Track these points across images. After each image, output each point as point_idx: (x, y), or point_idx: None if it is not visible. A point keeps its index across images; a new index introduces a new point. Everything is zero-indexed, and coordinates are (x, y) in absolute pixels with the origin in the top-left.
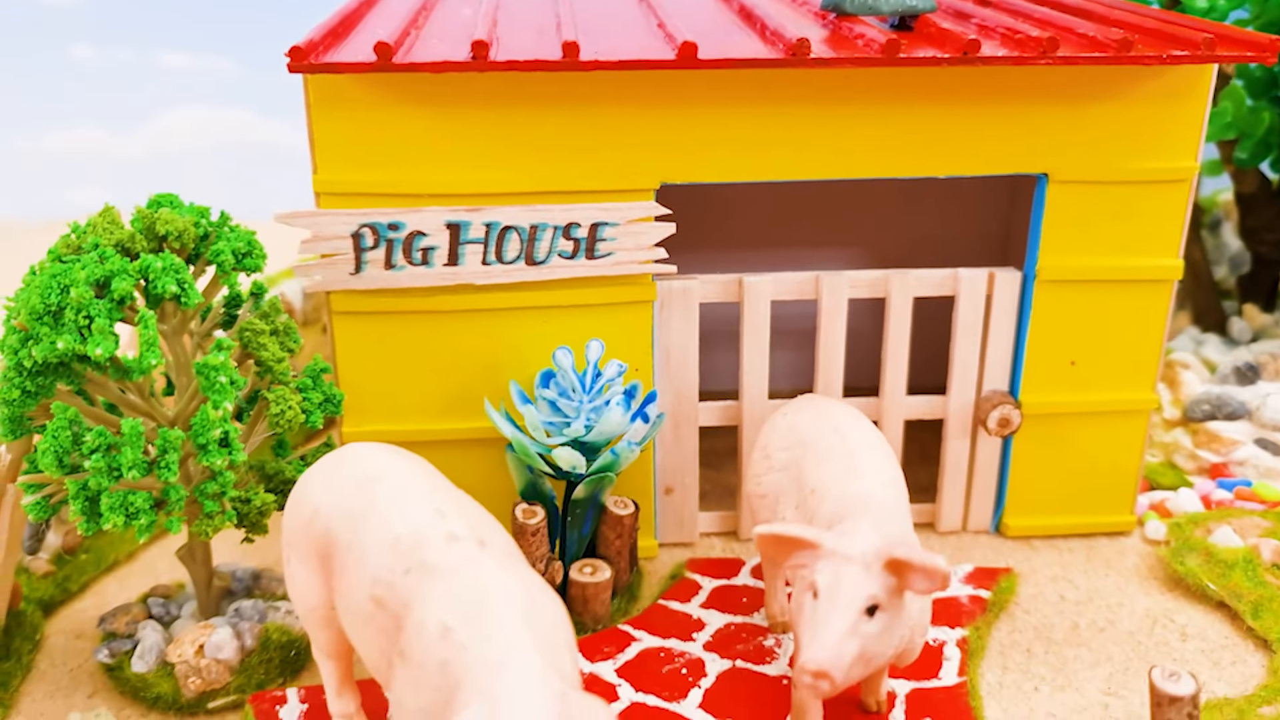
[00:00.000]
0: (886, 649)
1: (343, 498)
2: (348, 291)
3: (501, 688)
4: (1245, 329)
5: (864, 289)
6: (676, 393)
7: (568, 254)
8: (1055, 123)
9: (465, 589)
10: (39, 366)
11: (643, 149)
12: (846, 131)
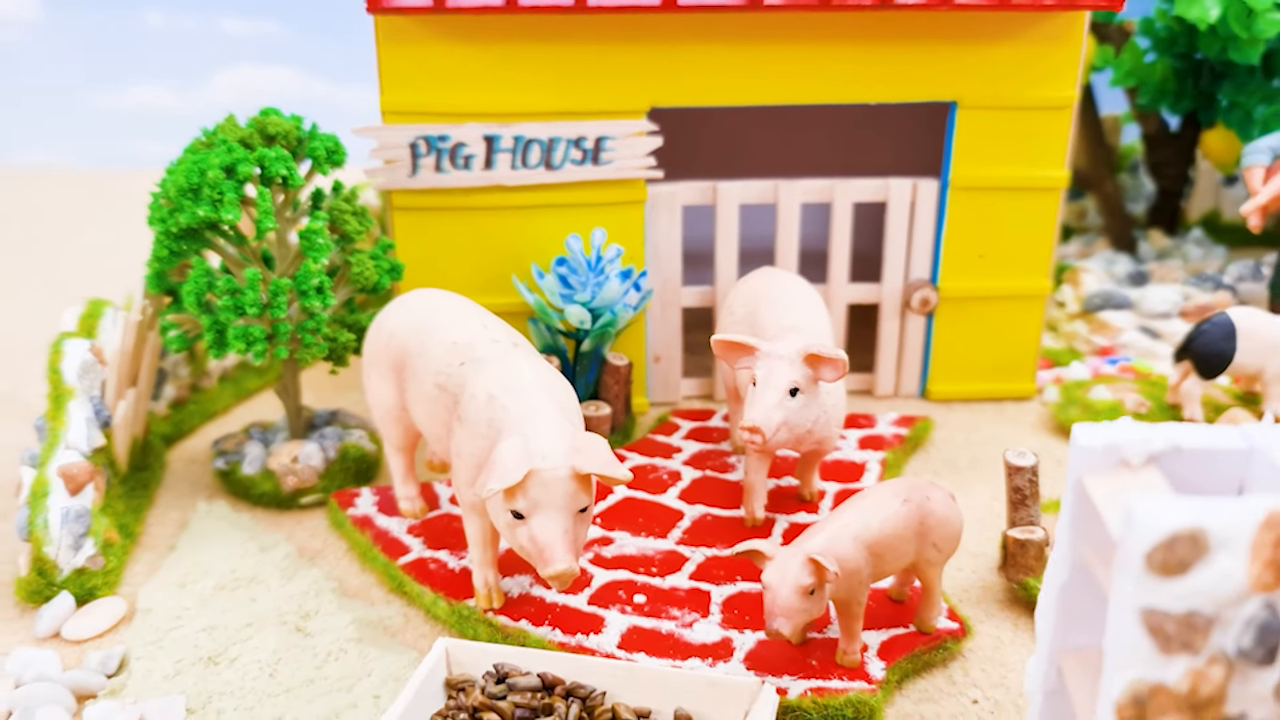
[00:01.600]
0: (804, 421)
1: (413, 320)
2: (405, 190)
3: (530, 428)
4: (1149, 250)
5: (813, 194)
6: (663, 278)
7: (578, 161)
8: (963, 59)
9: (504, 372)
10: (182, 232)
11: (636, 77)
12: (795, 65)
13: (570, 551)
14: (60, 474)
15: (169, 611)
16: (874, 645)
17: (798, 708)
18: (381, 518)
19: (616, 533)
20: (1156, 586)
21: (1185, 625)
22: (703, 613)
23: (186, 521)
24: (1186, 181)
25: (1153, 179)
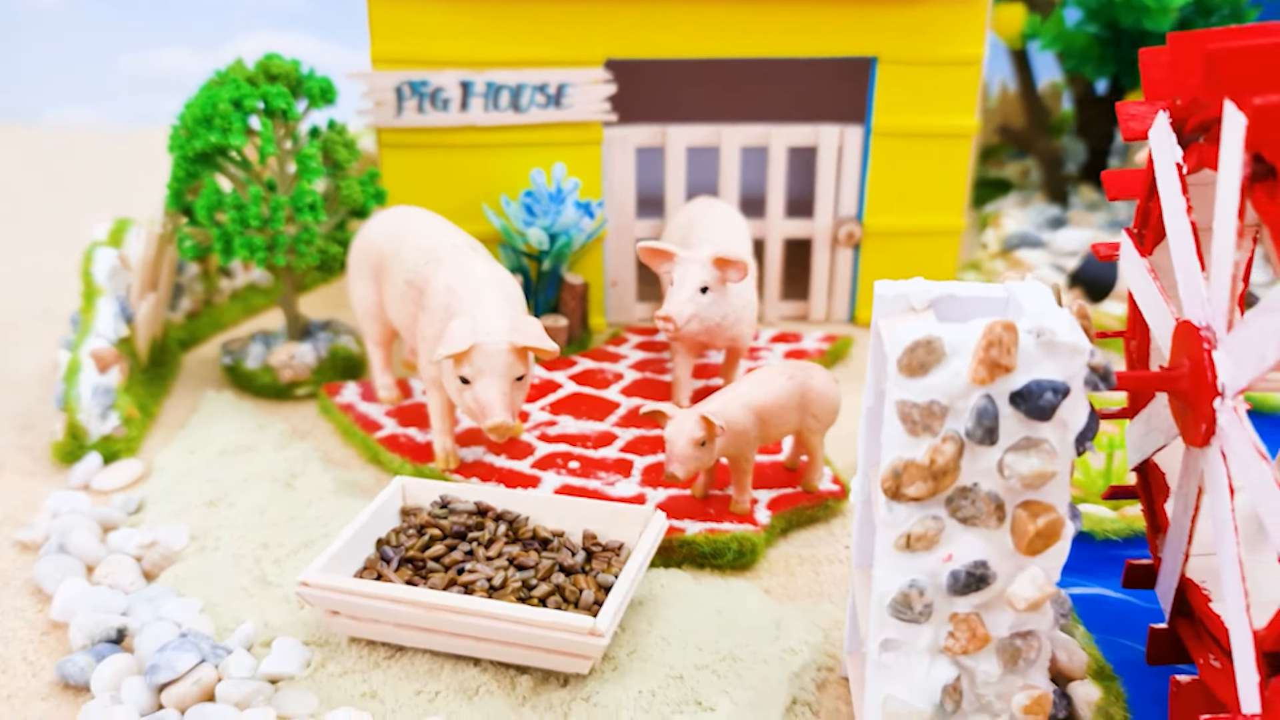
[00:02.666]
0: (714, 315)
1: (389, 230)
2: (392, 129)
3: (477, 310)
4: (1080, 203)
5: (752, 139)
6: (619, 211)
7: (542, 105)
8: (882, 19)
9: (460, 268)
10: (196, 156)
11: (594, 32)
12: (734, 22)
13: (506, 409)
14: (91, 355)
15: (179, 470)
16: (765, 500)
17: (693, 542)
18: (362, 404)
19: (562, 417)
20: (905, 384)
21: (927, 413)
22: (625, 475)
23: (196, 406)
24: (1112, 140)
25: (1083, 139)
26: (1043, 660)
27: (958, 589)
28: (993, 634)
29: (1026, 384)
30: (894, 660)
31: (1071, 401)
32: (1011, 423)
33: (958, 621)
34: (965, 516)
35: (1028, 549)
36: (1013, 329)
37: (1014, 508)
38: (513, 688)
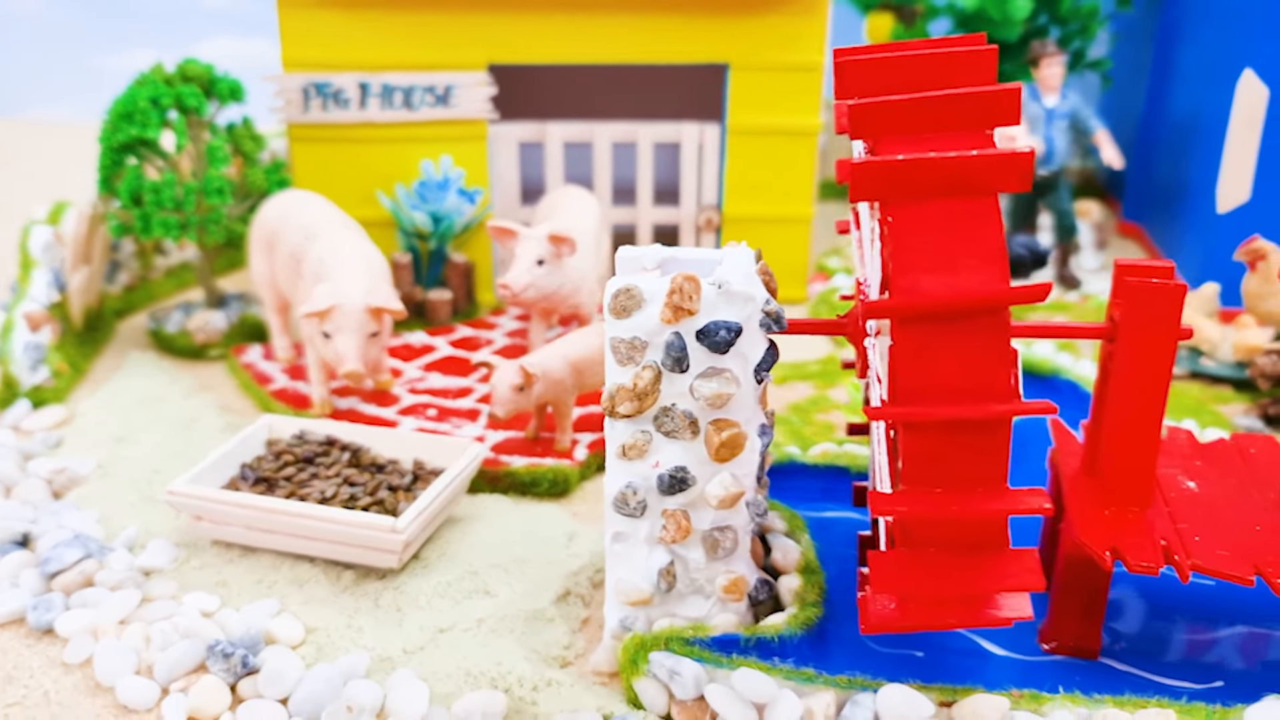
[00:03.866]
0: (550, 285)
1: (279, 211)
2: (299, 124)
3: (339, 276)
4: None
5: (621, 135)
6: (505, 199)
7: (431, 104)
8: (733, 30)
9: (331, 242)
10: (120, 146)
11: (478, 40)
12: (601, 31)
13: (359, 360)
14: (24, 316)
15: (97, 416)
16: (586, 441)
17: (515, 473)
18: (262, 363)
19: (432, 374)
20: (614, 324)
21: (630, 346)
22: (473, 421)
23: (121, 364)
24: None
25: None
26: (741, 550)
27: (664, 489)
28: (696, 527)
29: (707, 324)
30: (622, 549)
31: (747, 338)
32: (699, 354)
33: (667, 516)
34: (667, 430)
35: (716, 457)
36: (694, 280)
37: (706, 424)
38: (337, 579)
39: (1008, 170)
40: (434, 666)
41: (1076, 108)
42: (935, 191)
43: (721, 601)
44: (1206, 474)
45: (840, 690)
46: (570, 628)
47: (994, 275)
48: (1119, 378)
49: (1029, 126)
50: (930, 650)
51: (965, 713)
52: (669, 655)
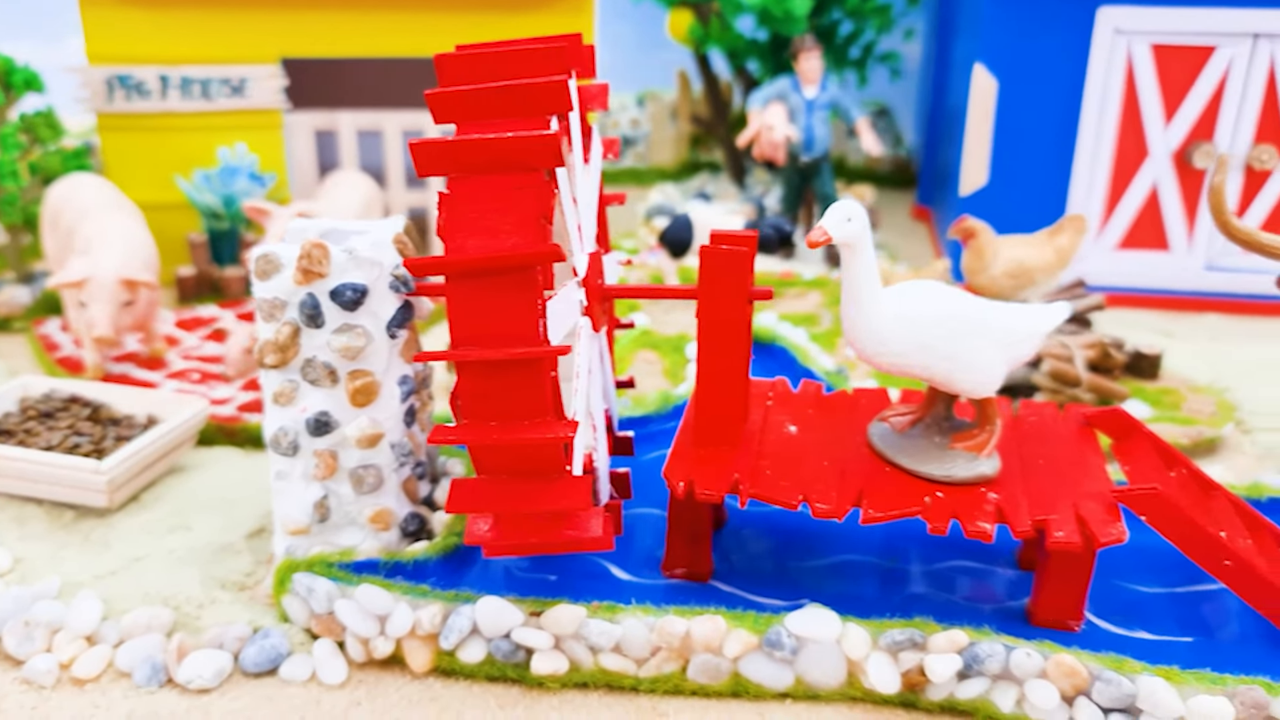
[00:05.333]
0: None
1: (63, 193)
2: (105, 114)
3: (98, 252)
4: (754, 183)
5: (409, 124)
6: (302, 183)
7: (227, 95)
8: (507, 23)
9: (99, 221)
10: None
11: (271, 35)
12: (376, 27)
13: (110, 327)
14: None
15: None
16: None
17: (251, 429)
18: (59, 334)
19: (209, 343)
20: (259, 285)
21: (272, 305)
22: (227, 383)
23: None
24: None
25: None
26: (389, 486)
27: (312, 431)
28: (343, 465)
29: (336, 285)
30: (283, 486)
31: (376, 298)
32: (333, 312)
33: (318, 455)
34: (311, 379)
35: (354, 402)
36: (323, 247)
37: (344, 373)
38: (59, 518)
39: (540, 150)
40: (119, 589)
41: (836, 98)
42: (483, 168)
43: (372, 531)
44: (813, 420)
45: (447, 603)
46: (257, 559)
47: (528, 239)
48: (702, 334)
49: (791, 116)
50: (565, 575)
51: (549, 621)
52: (309, 575)
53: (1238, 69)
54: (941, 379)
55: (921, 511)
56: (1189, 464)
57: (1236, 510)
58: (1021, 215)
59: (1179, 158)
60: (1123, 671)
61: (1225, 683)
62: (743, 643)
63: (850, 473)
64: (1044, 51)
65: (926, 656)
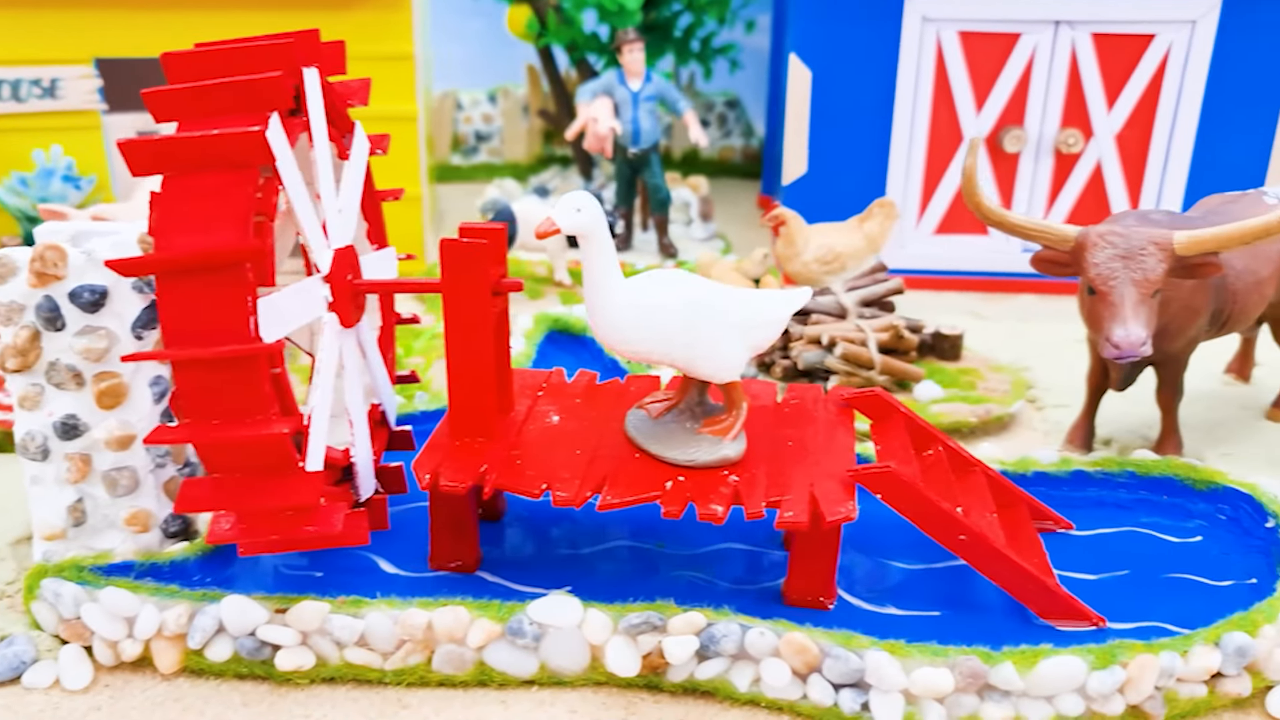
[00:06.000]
0: None
1: None
2: None
3: None
4: (601, 175)
5: None
6: (126, 184)
7: (39, 96)
8: (324, 21)
9: None
10: None
11: (83, 33)
12: (198, 25)
13: None
14: None
15: None
16: None
17: None
18: None
19: None
20: None
21: (10, 309)
22: None
23: None
24: None
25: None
26: (145, 488)
27: (61, 435)
28: (96, 468)
29: (74, 288)
30: (39, 491)
31: (117, 299)
32: (74, 315)
33: (69, 459)
34: (56, 383)
35: (101, 404)
36: (57, 249)
37: (91, 376)
38: None
39: (248, 147)
40: None
41: (662, 90)
42: (194, 166)
43: (131, 533)
44: (579, 410)
45: (193, 603)
46: (22, 567)
47: (237, 236)
48: (449, 327)
49: (618, 109)
50: (331, 570)
51: (294, 617)
52: (56, 580)
53: (1042, 55)
54: (683, 365)
55: (659, 496)
56: (946, 442)
57: (992, 486)
58: (841, 202)
59: (991, 142)
60: (851, 647)
61: (947, 654)
62: (485, 632)
63: (600, 460)
64: (854, 41)
65: (665, 639)
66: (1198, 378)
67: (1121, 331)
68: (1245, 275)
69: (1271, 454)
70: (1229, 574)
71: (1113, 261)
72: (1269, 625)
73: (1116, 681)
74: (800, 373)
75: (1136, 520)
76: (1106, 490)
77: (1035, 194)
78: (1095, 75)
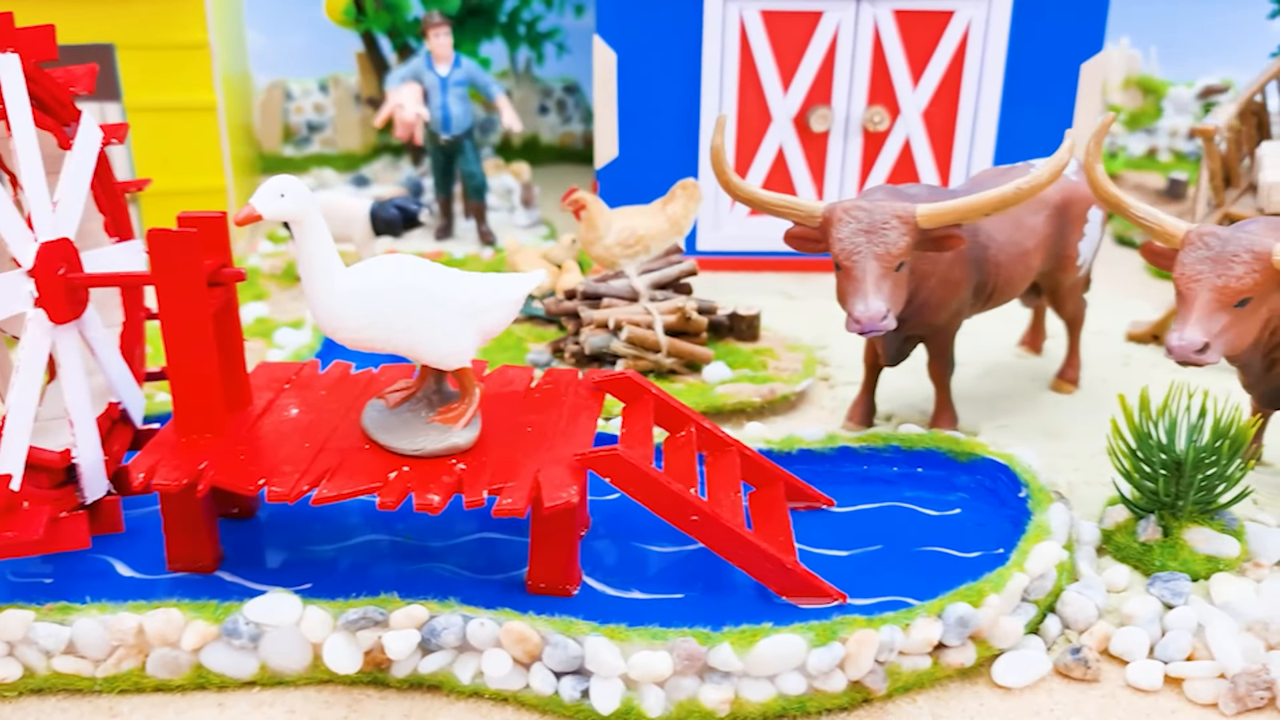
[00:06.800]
0: None
1: None
2: None
3: None
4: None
5: None
6: None
7: None
8: (115, 9)
9: None
10: None
11: None
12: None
13: None
14: None
15: None
16: None
17: None
18: None
19: None
20: None
21: None
22: None
23: None
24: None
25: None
26: None
27: None
28: None
29: None
30: None
31: None
32: None
33: None
34: None
35: None
36: None
37: None
38: None
39: None
40: None
41: (472, 75)
42: None
43: None
44: (322, 402)
45: None
46: None
47: None
48: (164, 320)
49: (427, 95)
50: (64, 575)
51: None
52: None
53: (845, 33)
54: (407, 351)
55: (379, 488)
56: (700, 422)
57: (748, 465)
58: (654, 185)
59: (800, 121)
60: (570, 634)
61: (666, 636)
62: (200, 634)
63: (327, 453)
64: (657, 22)
65: (385, 634)
66: (991, 351)
67: (862, 306)
68: (1008, 247)
69: (1046, 424)
70: (979, 545)
71: (856, 236)
72: (995, 595)
73: (836, 658)
74: (589, 358)
75: (900, 495)
76: (874, 465)
77: (846, 173)
78: (899, 53)
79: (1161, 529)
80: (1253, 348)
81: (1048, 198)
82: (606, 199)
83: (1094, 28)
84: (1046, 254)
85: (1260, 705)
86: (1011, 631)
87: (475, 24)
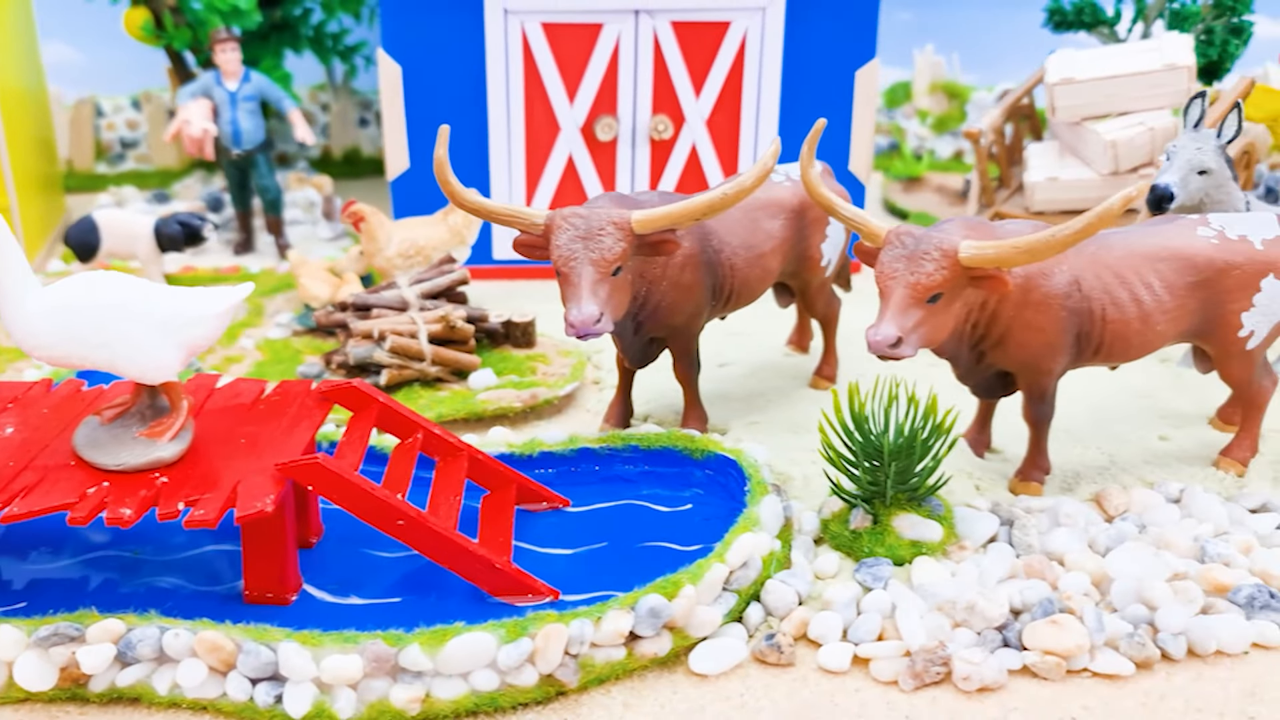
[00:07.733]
0: None
1: None
2: None
3: None
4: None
5: None
6: None
7: None
8: None
9: None
10: None
11: None
12: None
13: None
14: None
15: None
16: None
17: None
18: None
19: None
20: None
21: None
22: None
23: None
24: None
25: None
26: None
27: None
28: None
29: None
30: None
31: None
32: None
33: None
34: None
35: None
36: None
37: None
38: None
39: None
40: None
41: (263, 89)
42: None
43: None
44: (42, 420)
45: None
46: None
47: None
48: None
49: (217, 110)
50: None
51: None
52: None
53: (626, 44)
54: (107, 367)
55: (71, 504)
56: (429, 428)
57: (478, 469)
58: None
59: (588, 131)
60: (262, 640)
61: (357, 640)
62: None
63: (31, 470)
64: (439, 34)
65: (80, 649)
66: (759, 350)
67: (576, 310)
68: (742, 251)
69: (794, 419)
70: (702, 539)
71: (573, 243)
72: (691, 586)
73: (525, 653)
74: (355, 368)
75: (638, 493)
76: (615, 465)
77: (637, 181)
78: (680, 63)
79: (871, 516)
80: (956, 341)
81: (785, 202)
82: (400, 211)
83: (865, 37)
84: (786, 256)
85: (938, 679)
86: (709, 621)
87: (280, 38)
